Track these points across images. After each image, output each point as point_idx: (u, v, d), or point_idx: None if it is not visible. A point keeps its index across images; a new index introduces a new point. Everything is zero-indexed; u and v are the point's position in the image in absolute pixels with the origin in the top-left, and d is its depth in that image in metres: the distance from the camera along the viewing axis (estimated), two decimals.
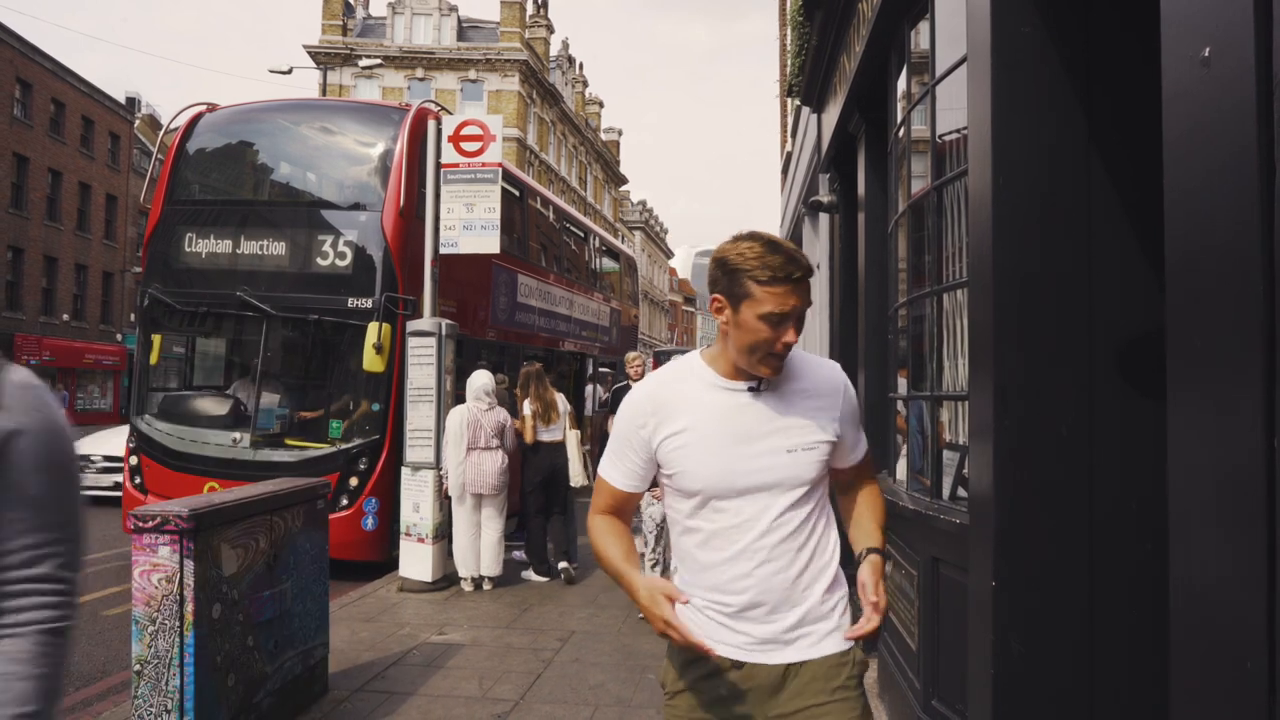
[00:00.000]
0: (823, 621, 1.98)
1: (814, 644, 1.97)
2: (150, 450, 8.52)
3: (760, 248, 1.90)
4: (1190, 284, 1.53)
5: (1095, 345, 2.68)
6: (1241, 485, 1.34)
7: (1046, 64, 2.74)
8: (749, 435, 1.95)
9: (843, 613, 2.01)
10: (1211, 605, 1.46)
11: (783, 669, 1.96)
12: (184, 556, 3.59)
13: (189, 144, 9.17)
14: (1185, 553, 1.54)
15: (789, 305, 1.86)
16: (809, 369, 2.05)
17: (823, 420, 1.99)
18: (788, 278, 1.87)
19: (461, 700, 4.78)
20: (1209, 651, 1.46)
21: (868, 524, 2.12)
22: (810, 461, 1.97)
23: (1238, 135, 1.37)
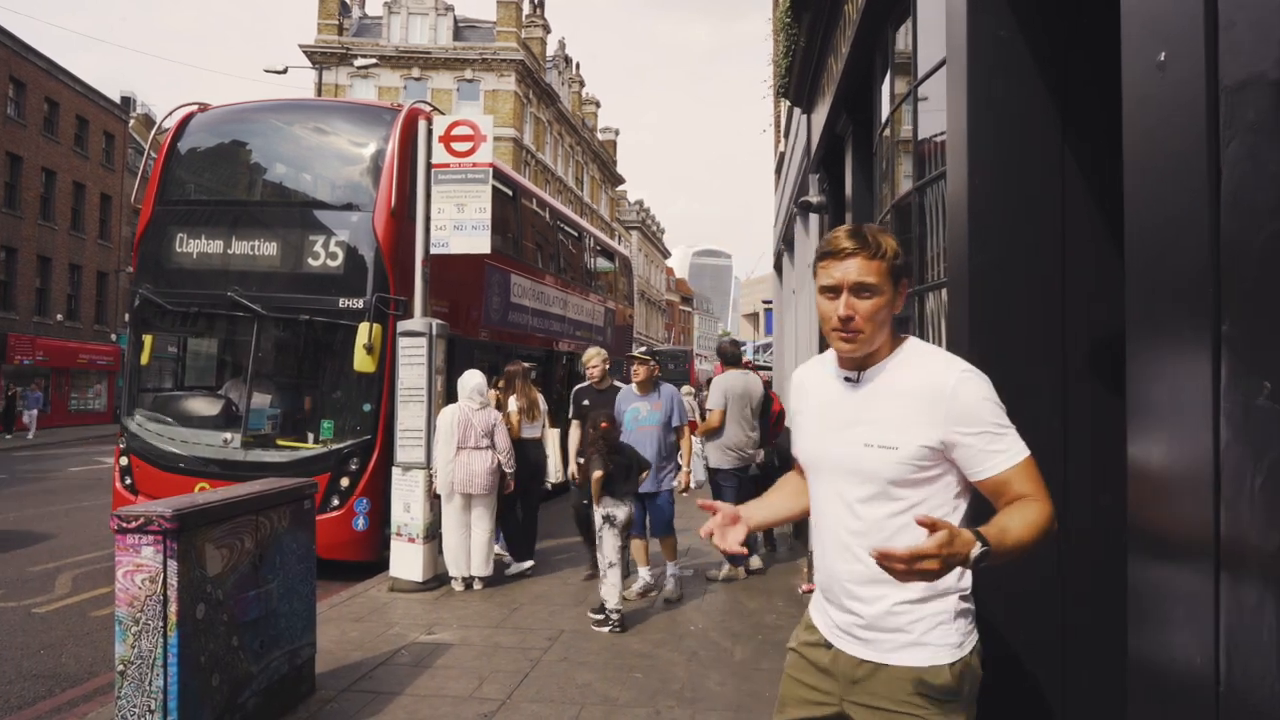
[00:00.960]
0: (899, 633, 1.99)
1: (889, 650, 2.00)
2: (141, 451, 8.51)
3: (831, 233, 2.08)
4: (1148, 283, 1.55)
5: (1068, 345, 2.70)
6: (1193, 468, 1.36)
7: (1022, 67, 2.76)
8: (839, 423, 2.08)
9: (930, 629, 1.97)
10: (1165, 608, 1.47)
11: (858, 661, 2.05)
12: (167, 557, 3.60)
13: (180, 144, 9.16)
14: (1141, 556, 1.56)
15: (836, 278, 1.99)
16: (918, 365, 2.02)
17: (912, 421, 1.96)
18: (836, 252, 2.00)
19: (449, 700, 4.79)
20: (1163, 650, 1.48)
21: (1004, 520, 1.88)
22: (890, 461, 1.96)
23: (1191, 137, 1.39)
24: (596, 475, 6.14)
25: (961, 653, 1.99)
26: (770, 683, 5.06)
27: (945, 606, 1.99)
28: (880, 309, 1.99)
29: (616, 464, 6.18)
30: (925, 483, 1.97)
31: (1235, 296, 1.23)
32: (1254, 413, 1.18)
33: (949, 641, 1.98)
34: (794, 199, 9.62)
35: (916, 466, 1.95)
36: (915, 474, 1.96)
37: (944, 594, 1.98)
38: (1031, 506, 1.90)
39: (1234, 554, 1.23)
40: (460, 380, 7.59)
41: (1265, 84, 1.17)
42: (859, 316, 1.97)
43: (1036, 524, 1.87)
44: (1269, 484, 1.15)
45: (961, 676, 1.98)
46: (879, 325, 2.00)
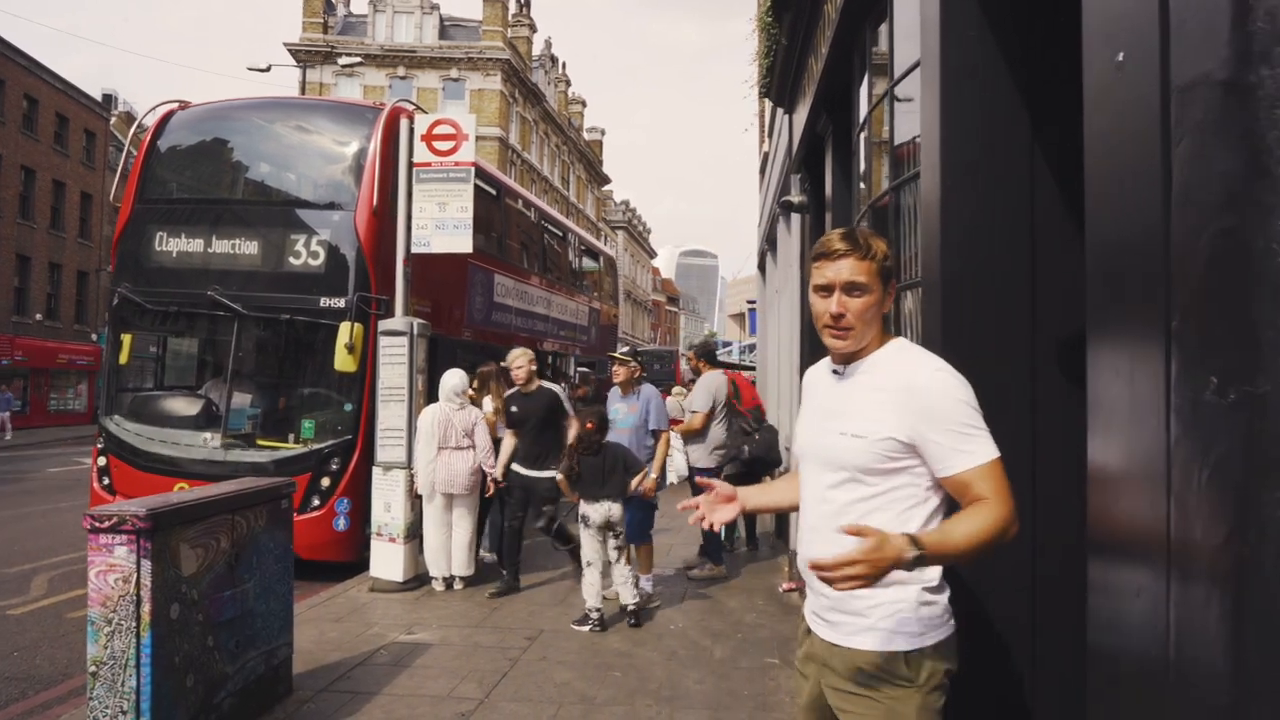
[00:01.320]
0: (858, 617, 2.08)
1: (849, 634, 2.10)
2: (119, 451, 8.46)
3: (826, 234, 2.21)
4: (1106, 282, 1.57)
5: (1038, 344, 2.72)
6: (1147, 462, 1.37)
7: (992, 68, 2.78)
8: (825, 413, 2.21)
9: (886, 616, 2.05)
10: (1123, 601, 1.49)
11: (826, 644, 2.15)
12: (141, 556, 3.58)
13: (160, 141, 9.11)
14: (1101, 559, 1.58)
15: (829, 278, 2.12)
16: (894, 363, 2.13)
17: (883, 413, 2.05)
18: (829, 253, 2.13)
19: (426, 699, 4.78)
20: (1122, 650, 1.50)
21: (948, 525, 1.97)
22: (860, 449, 2.06)
23: (1146, 137, 1.41)
24: (559, 478, 6.30)
25: (920, 643, 2.05)
26: (749, 681, 5.08)
27: (904, 595, 2.05)
28: (870, 307, 2.12)
29: (590, 465, 6.15)
30: (894, 473, 2.05)
31: (1184, 293, 1.24)
32: (1201, 408, 1.20)
33: (906, 630, 2.05)
34: (776, 199, 9.65)
35: (884, 456, 2.03)
36: (883, 463, 2.04)
37: (903, 583, 2.03)
38: (982, 511, 1.95)
39: (1183, 547, 1.25)
40: (441, 380, 7.58)
41: (1212, 84, 1.19)
42: (850, 314, 2.09)
43: (983, 529, 1.92)
44: (1215, 478, 1.17)
45: (919, 666, 2.04)
46: (868, 323, 2.12)
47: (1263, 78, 1.11)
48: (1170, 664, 1.27)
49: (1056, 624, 2.71)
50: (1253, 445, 1.12)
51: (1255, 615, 1.11)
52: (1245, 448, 1.12)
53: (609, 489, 6.15)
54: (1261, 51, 1.11)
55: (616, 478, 6.18)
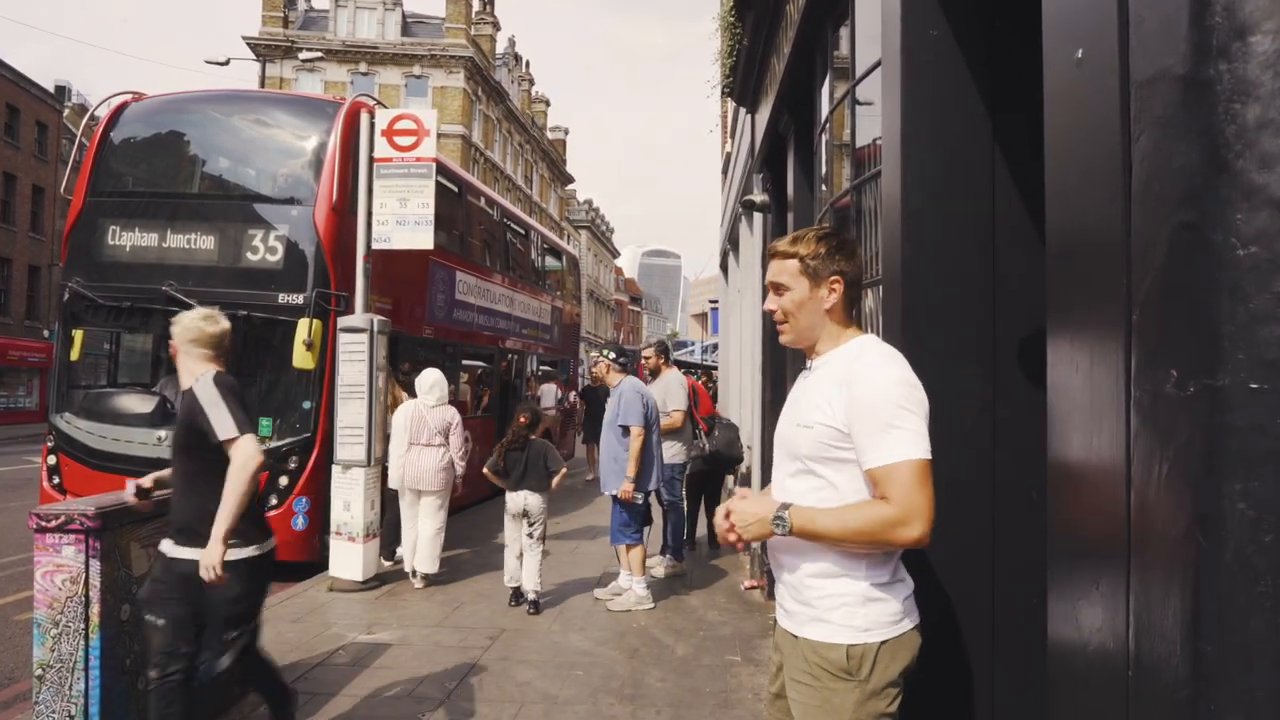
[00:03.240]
0: (808, 606, 2.11)
1: (801, 624, 2.13)
2: (70, 449, 8.26)
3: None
4: (1066, 276, 1.57)
5: (999, 341, 2.74)
6: (1107, 455, 1.38)
7: (953, 66, 2.79)
8: (790, 405, 2.28)
9: (833, 608, 2.07)
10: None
11: (788, 634, 2.18)
12: (90, 556, 3.49)
13: (114, 134, 8.90)
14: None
15: (769, 278, 2.29)
16: (846, 355, 2.19)
17: (827, 405, 2.10)
18: (770, 255, 2.31)
19: (386, 700, 4.72)
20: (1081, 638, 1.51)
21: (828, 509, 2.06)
22: (808, 439, 2.11)
23: (1106, 132, 1.41)
24: (486, 470, 6.78)
25: (865, 638, 2.05)
26: (711, 678, 5.08)
27: (851, 589, 2.07)
28: (801, 304, 2.22)
29: (514, 459, 6.62)
30: (838, 462, 2.08)
31: (1144, 287, 1.25)
32: (1161, 401, 1.20)
33: (851, 623, 2.06)
34: (739, 199, 9.67)
35: (827, 445, 2.08)
36: (827, 452, 2.09)
37: (849, 575, 2.07)
38: (868, 505, 2.02)
39: (1143, 541, 1.26)
40: (419, 379, 7.72)
41: (1172, 78, 1.19)
42: (778, 309, 2.25)
43: (857, 520, 1.99)
44: (1175, 470, 1.17)
45: (861, 660, 2.04)
46: (804, 318, 2.21)
47: (1220, 72, 1.12)
48: (1130, 658, 1.27)
49: (1018, 622, 2.73)
50: (1212, 438, 1.12)
51: (1215, 608, 1.12)
52: (1205, 440, 1.12)
53: (527, 481, 6.60)
54: (1220, 46, 1.12)
55: (536, 471, 6.62)
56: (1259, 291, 1.08)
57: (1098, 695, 1.44)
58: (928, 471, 1.99)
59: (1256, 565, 1.08)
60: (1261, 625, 1.08)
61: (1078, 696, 1.52)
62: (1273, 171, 1.07)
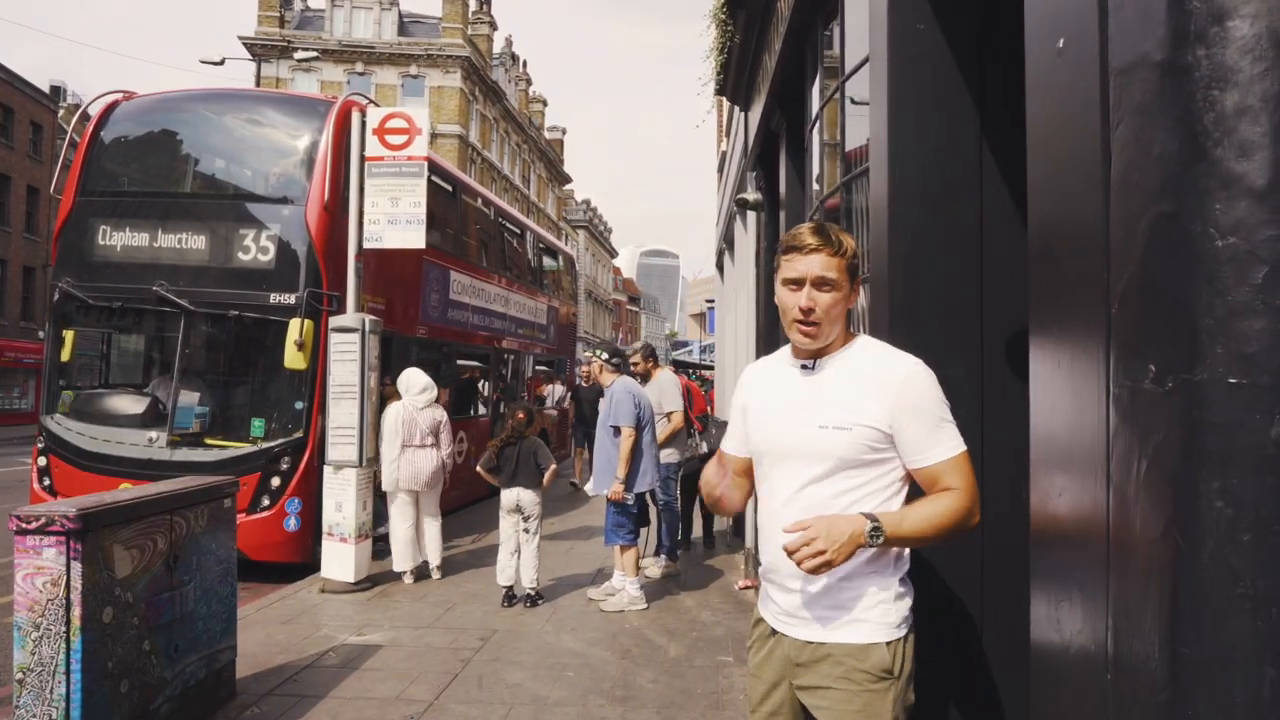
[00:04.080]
0: (842, 610, 2.07)
1: (830, 628, 2.08)
2: (61, 451, 8.22)
3: (795, 228, 2.17)
4: (1047, 270, 1.54)
5: (986, 338, 2.71)
6: (1087, 453, 1.35)
7: (940, 59, 2.76)
8: (793, 406, 2.15)
9: (870, 607, 2.05)
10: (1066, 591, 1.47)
11: (801, 644, 2.12)
12: (71, 558, 3.45)
13: (104, 133, 8.85)
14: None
15: (800, 271, 2.09)
16: (872, 358, 2.14)
17: (865, 405, 2.04)
18: (800, 247, 2.10)
19: (374, 702, 4.69)
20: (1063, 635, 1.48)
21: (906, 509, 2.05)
22: (842, 441, 2.04)
23: (1086, 122, 1.38)
24: (479, 468, 6.84)
25: (900, 633, 2.07)
26: (703, 679, 5.05)
27: (884, 585, 2.06)
28: (838, 303, 2.11)
29: (507, 455, 6.69)
30: (872, 464, 2.05)
31: (1122, 280, 1.22)
32: (1139, 397, 1.17)
33: (887, 621, 2.05)
34: (734, 197, 9.64)
35: (867, 447, 2.04)
36: (865, 454, 2.04)
37: (879, 574, 2.06)
38: (943, 499, 2.01)
39: (1121, 540, 1.22)
40: (405, 380, 7.74)
41: (1150, 65, 1.16)
42: (819, 309, 2.08)
43: (942, 515, 1.99)
44: (1153, 468, 1.14)
45: (899, 656, 2.05)
46: (834, 319, 2.12)
47: (1199, 58, 1.09)
48: (1110, 661, 1.24)
49: (1006, 621, 2.70)
50: (1190, 435, 1.09)
51: (1192, 610, 1.09)
52: (1183, 437, 1.09)
53: (520, 478, 6.66)
54: (1198, 31, 1.09)
55: (527, 468, 6.67)
56: (1237, 283, 1.05)
57: (1078, 698, 1.41)
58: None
59: (1235, 566, 1.05)
60: (1240, 627, 1.05)
61: (1059, 699, 1.49)
62: (1251, 159, 1.04)
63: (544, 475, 6.73)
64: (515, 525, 6.76)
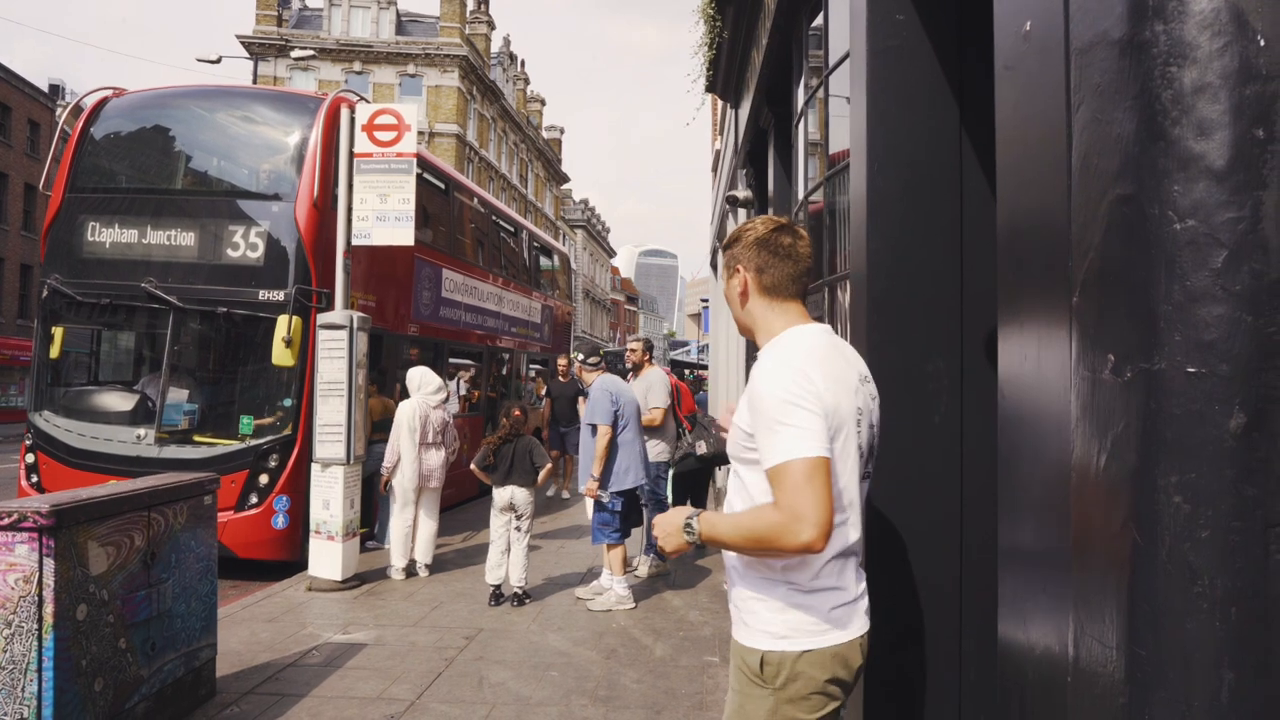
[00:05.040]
0: (739, 612, 2.06)
1: (734, 626, 2.09)
2: (49, 448, 8.17)
3: None
4: (1014, 259, 1.50)
5: (965, 333, 2.67)
6: (1054, 445, 1.31)
7: (919, 51, 2.72)
8: None
9: (751, 612, 2.02)
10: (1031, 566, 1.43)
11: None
12: (44, 555, 3.40)
13: (94, 129, 8.80)
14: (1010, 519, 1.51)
15: None
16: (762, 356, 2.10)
17: (742, 404, 2.04)
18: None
19: (355, 701, 4.64)
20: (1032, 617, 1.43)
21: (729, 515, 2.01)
22: (730, 441, 2.07)
23: (1051, 106, 1.34)
24: (473, 466, 6.77)
25: (782, 645, 1.95)
26: (687, 680, 5.01)
27: (768, 593, 1.99)
28: (737, 297, 2.17)
29: (502, 453, 6.64)
30: (752, 465, 2.00)
31: (1083, 267, 1.17)
32: (1099, 388, 1.13)
33: (767, 629, 1.98)
34: (724, 196, 9.60)
35: (741, 446, 2.02)
36: (743, 453, 2.02)
37: (767, 579, 1.99)
38: (762, 510, 1.88)
39: (1083, 538, 1.18)
40: (417, 377, 7.81)
41: (1109, 44, 1.12)
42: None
43: (749, 528, 1.89)
44: (1113, 462, 1.10)
45: (778, 668, 1.94)
46: (744, 311, 2.17)
47: (1157, 34, 1.04)
48: (1071, 662, 1.20)
49: (986, 619, 2.66)
50: (1148, 426, 1.05)
51: (1150, 610, 1.04)
52: (1141, 428, 1.05)
53: (514, 476, 6.62)
54: (1156, 6, 1.05)
55: (522, 466, 6.63)
56: (1196, 268, 1.01)
57: (1041, 700, 1.36)
58: (818, 470, 1.78)
59: (1193, 563, 1.00)
60: (1198, 628, 1.00)
61: (1024, 703, 1.45)
62: (1210, 138, 1.00)
63: (539, 474, 6.70)
64: (508, 524, 6.72)
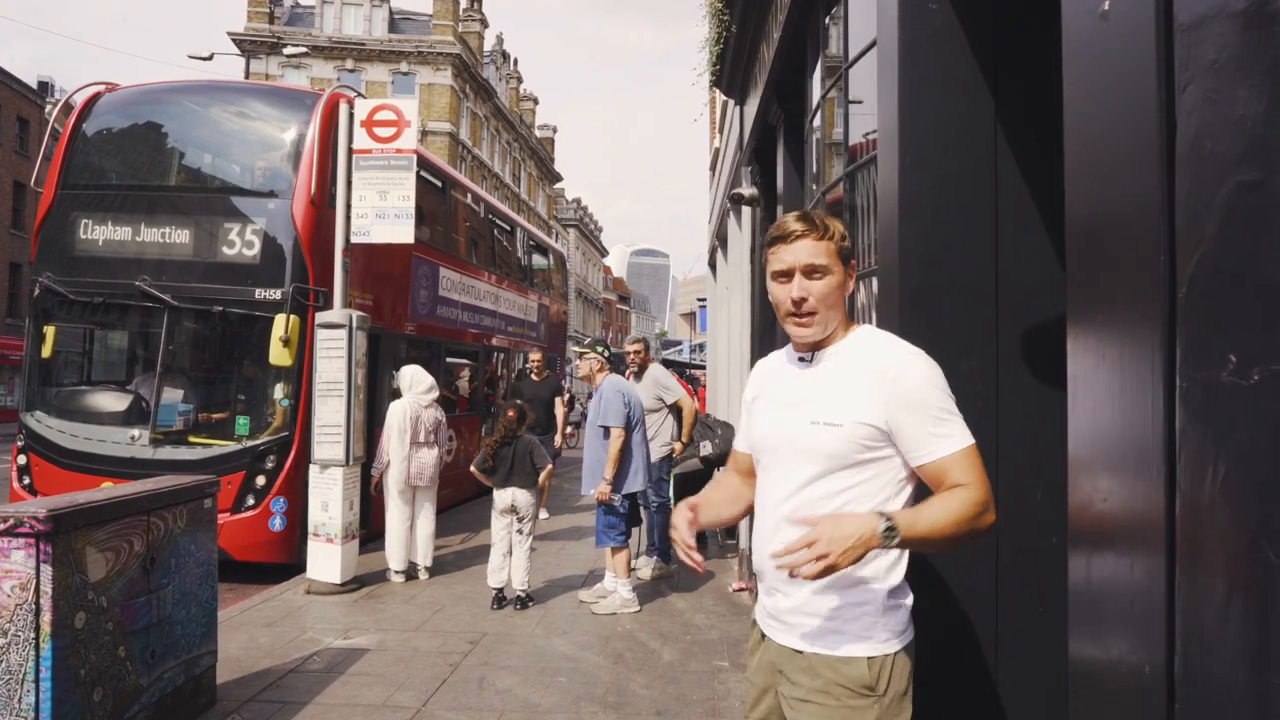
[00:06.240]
0: (824, 619, 1.94)
1: (809, 637, 1.96)
2: (41, 449, 8.04)
3: (780, 219, 2.07)
4: (1091, 253, 1.41)
5: (1000, 331, 2.58)
6: (1141, 456, 1.21)
7: (953, 41, 2.63)
8: (790, 403, 2.05)
9: (850, 620, 1.92)
10: (1109, 593, 1.34)
11: (784, 650, 2.00)
12: (41, 561, 3.29)
13: (86, 125, 8.66)
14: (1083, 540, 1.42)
15: (788, 262, 1.99)
16: (868, 350, 2.01)
17: (859, 399, 1.92)
18: (785, 236, 2.00)
19: (360, 709, 4.54)
20: (1106, 645, 1.34)
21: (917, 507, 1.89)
22: (834, 438, 1.92)
23: (1140, 89, 1.25)
24: (473, 469, 6.70)
25: (884, 649, 1.91)
26: (697, 685, 4.92)
27: (868, 597, 1.91)
28: (832, 290, 2.00)
29: (502, 455, 6.55)
30: (869, 463, 1.93)
31: (1192, 260, 1.08)
32: (1216, 392, 1.04)
33: (869, 635, 1.91)
34: (727, 194, 9.51)
35: (861, 445, 1.92)
36: (859, 453, 1.92)
37: (866, 583, 1.91)
38: (955, 496, 1.85)
39: (1191, 555, 1.09)
40: (409, 376, 7.67)
41: (1229, 15, 1.03)
42: (812, 298, 1.98)
43: (956, 512, 1.82)
44: (1235, 473, 1.01)
45: (880, 674, 1.90)
46: (830, 307, 2.01)
47: None
48: (1175, 686, 1.11)
49: (1023, 628, 2.57)
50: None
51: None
52: (1273, 437, 0.95)
53: (514, 478, 6.53)
54: None
55: (523, 468, 6.54)
56: None
57: (1130, 717, 1.27)
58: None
59: None
60: None
61: (1106, 717, 1.36)
62: None
63: (539, 475, 6.59)
64: (509, 526, 6.61)
